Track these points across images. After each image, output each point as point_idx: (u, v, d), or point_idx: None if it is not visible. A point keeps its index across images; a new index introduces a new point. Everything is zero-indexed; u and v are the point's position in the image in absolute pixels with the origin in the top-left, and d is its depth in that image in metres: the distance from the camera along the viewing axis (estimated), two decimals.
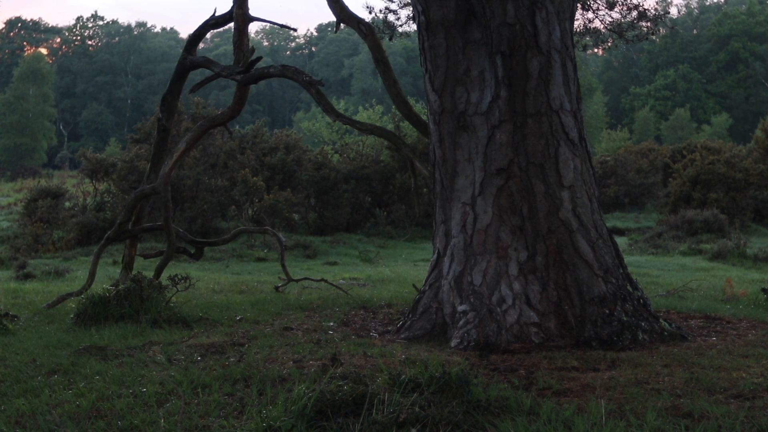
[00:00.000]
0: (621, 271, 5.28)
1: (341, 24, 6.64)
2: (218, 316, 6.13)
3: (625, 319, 4.97)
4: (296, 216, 19.40)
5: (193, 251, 8.05)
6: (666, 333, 5.07)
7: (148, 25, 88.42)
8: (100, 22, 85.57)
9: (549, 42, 5.24)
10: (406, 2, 11.28)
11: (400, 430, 3.05)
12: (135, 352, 4.69)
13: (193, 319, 5.92)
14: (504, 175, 5.19)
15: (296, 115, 65.61)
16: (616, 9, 11.14)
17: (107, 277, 10.25)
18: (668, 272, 11.67)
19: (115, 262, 12.94)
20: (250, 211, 18.27)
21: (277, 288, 8.41)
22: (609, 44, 12.22)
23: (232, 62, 7.20)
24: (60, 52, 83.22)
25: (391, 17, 11.38)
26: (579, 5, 10.70)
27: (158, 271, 7.18)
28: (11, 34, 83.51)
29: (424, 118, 6.23)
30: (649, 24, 11.26)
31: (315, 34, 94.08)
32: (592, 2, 11.07)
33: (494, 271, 5.11)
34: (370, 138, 21.44)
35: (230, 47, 9.74)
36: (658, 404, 3.44)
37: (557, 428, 3.13)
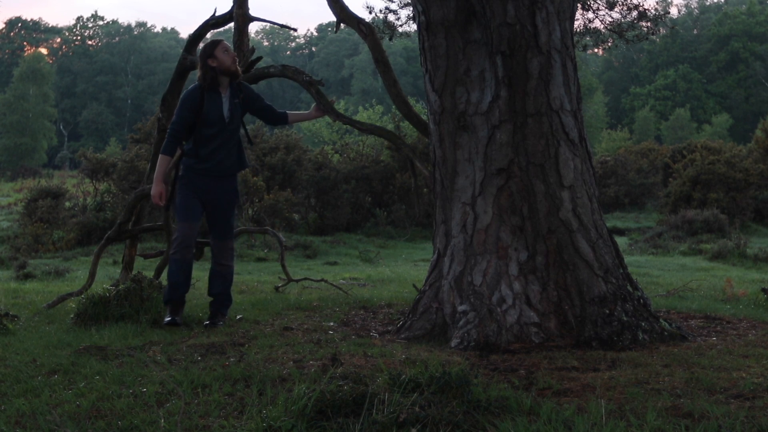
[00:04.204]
0: (621, 271, 5.28)
1: (341, 24, 6.64)
2: None
3: (625, 319, 4.97)
4: (296, 216, 19.42)
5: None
6: (666, 333, 5.07)
7: (149, 25, 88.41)
8: (100, 22, 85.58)
9: (549, 42, 5.24)
10: (406, 2, 11.29)
11: (400, 430, 3.05)
12: (135, 352, 4.69)
13: (193, 319, 5.92)
14: (504, 175, 5.19)
15: None
16: (616, 9, 11.15)
17: (107, 277, 10.26)
18: (668, 272, 11.67)
19: (115, 262, 12.94)
20: (250, 211, 18.28)
21: (277, 288, 8.41)
22: (609, 44, 12.23)
23: None
24: (60, 52, 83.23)
25: (391, 17, 11.40)
26: (579, 5, 10.70)
27: (158, 271, 7.17)
28: (11, 34, 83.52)
29: (424, 118, 6.23)
30: (649, 24, 11.27)
31: (315, 34, 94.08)
32: (592, 2, 11.07)
33: (494, 271, 5.11)
34: (370, 138, 21.45)
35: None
36: (659, 404, 3.44)
37: (557, 428, 3.12)
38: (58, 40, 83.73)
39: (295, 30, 7.60)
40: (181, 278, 5.67)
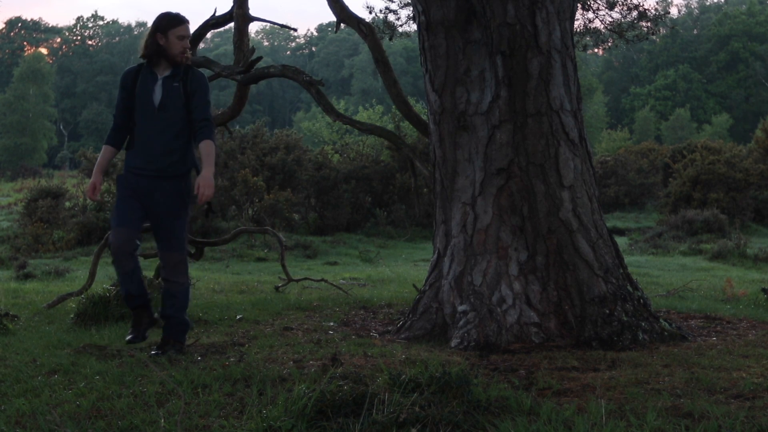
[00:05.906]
0: (621, 271, 5.28)
1: (341, 24, 6.65)
2: (218, 316, 6.13)
3: (625, 319, 4.97)
4: (296, 216, 19.41)
5: (193, 251, 8.04)
6: (666, 333, 5.07)
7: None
8: (101, 22, 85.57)
9: (549, 42, 5.24)
10: (406, 2, 11.28)
11: (400, 430, 3.04)
12: (135, 352, 4.69)
13: (194, 319, 5.92)
14: (504, 175, 5.19)
15: (296, 115, 65.64)
16: (616, 9, 11.14)
17: (107, 277, 10.25)
18: (668, 272, 11.67)
19: None
20: (250, 211, 18.27)
21: (277, 288, 8.42)
22: (609, 44, 12.22)
23: (232, 62, 7.20)
24: (60, 52, 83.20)
25: (391, 17, 11.38)
26: (579, 5, 10.70)
27: (159, 271, 7.17)
28: (11, 34, 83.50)
29: (424, 118, 6.23)
30: (649, 24, 11.26)
31: (315, 34, 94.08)
32: (592, 2, 11.06)
33: (494, 271, 5.11)
34: (370, 138, 21.45)
35: (230, 47, 9.76)
36: (659, 404, 3.44)
37: (557, 428, 3.12)
38: (58, 40, 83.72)
39: (295, 30, 7.61)
40: (132, 288, 4.71)
